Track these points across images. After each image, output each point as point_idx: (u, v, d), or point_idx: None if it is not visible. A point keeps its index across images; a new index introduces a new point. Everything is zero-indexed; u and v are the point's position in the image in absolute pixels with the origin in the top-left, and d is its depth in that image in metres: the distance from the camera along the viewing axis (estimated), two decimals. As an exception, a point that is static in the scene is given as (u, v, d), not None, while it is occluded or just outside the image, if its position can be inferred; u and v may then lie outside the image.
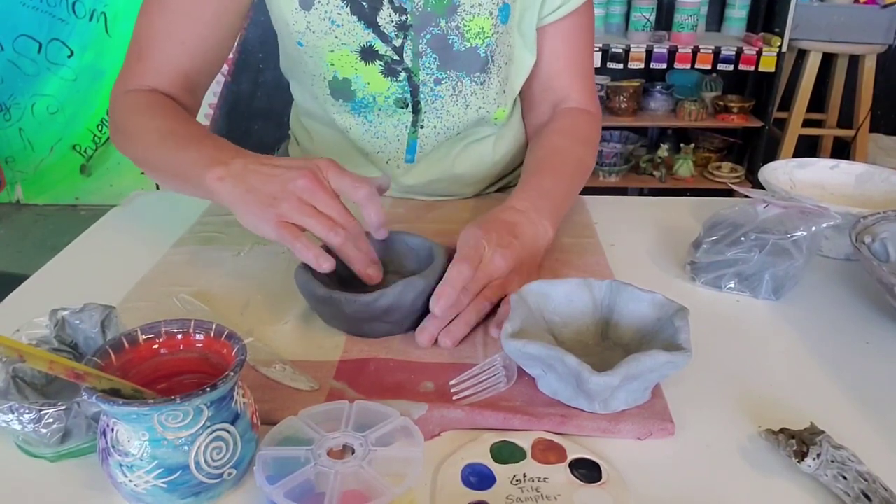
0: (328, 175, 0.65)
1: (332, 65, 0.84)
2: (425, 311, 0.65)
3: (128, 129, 0.81)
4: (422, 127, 0.89)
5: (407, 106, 0.87)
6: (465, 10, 0.82)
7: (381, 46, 0.82)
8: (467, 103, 0.88)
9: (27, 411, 0.49)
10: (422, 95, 0.87)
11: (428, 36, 0.82)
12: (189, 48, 0.83)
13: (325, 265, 0.62)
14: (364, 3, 0.80)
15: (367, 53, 0.83)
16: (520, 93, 0.95)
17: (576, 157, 0.87)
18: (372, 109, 0.88)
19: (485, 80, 0.87)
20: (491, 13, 0.82)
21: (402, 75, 0.85)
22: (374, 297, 0.61)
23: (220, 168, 0.66)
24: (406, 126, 0.90)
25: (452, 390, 0.57)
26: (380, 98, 0.86)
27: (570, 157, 0.87)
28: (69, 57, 3.02)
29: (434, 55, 0.84)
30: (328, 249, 0.64)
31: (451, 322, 0.64)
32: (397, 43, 0.82)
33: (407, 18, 0.81)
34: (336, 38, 0.82)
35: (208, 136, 0.74)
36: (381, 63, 0.84)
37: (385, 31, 0.82)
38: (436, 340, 0.63)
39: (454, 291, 0.62)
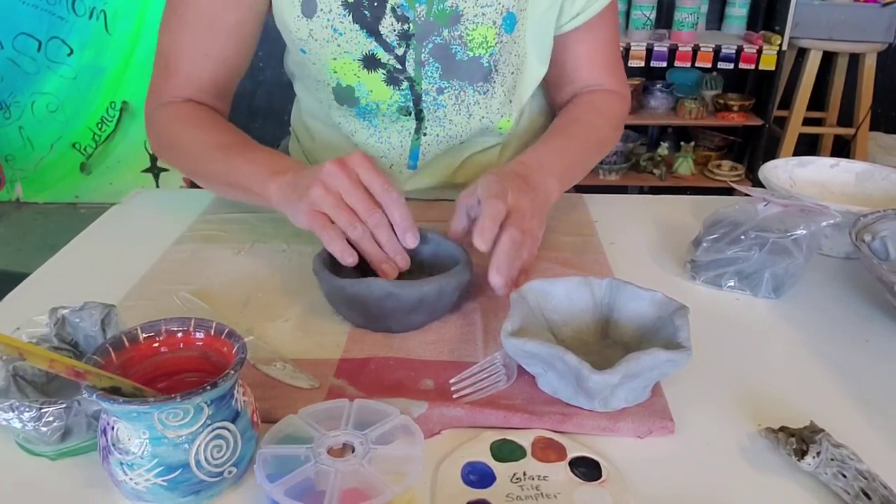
0: (356, 165, 0.65)
1: (336, 72, 0.84)
2: (436, 312, 0.66)
3: (175, 144, 0.84)
4: (424, 135, 0.89)
5: (410, 114, 0.87)
6: (467, 20, 0.81)
7: (383, 55, 0.82)
8: (470, 112, 0.88)
9: (27, 409, 0.49)
10: (424, 104, 0.86)
11: (430, 45, 0.82)
12: (214, 58, 0.85)
13: (349, 259, 0.64)
14: (366, 12, 0.80)
15: (370, 62, 0.83)
16: (542, 92, 0.94)
17: (591, 125, 0.88)
18: (376, 115, 0.88)
19: (488, 90, 0.87)
20: (494, 23, 0.82)
21: (405, 84, 0.84)
22: (417, 287, 0.62)
23: (280, 177, 0.71)
24: (409, 133, 0.89)
25: (452, 388, 0.57)
26: (383, 105, 0.86)
27: (584, 125, 0.88)
28: (69, 55, 3.01)
29: (437, 64, 0.83)
30: None
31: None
32: (399, 52, 0.82)
33: (409, 27, 0.81)
34: (338, 46, 0.81)
35: (257, 147, 0.78)
36: (384, 72, 0.83)
37: (387, 39, 0.81)
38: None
39: (494, 225, 0.64)
